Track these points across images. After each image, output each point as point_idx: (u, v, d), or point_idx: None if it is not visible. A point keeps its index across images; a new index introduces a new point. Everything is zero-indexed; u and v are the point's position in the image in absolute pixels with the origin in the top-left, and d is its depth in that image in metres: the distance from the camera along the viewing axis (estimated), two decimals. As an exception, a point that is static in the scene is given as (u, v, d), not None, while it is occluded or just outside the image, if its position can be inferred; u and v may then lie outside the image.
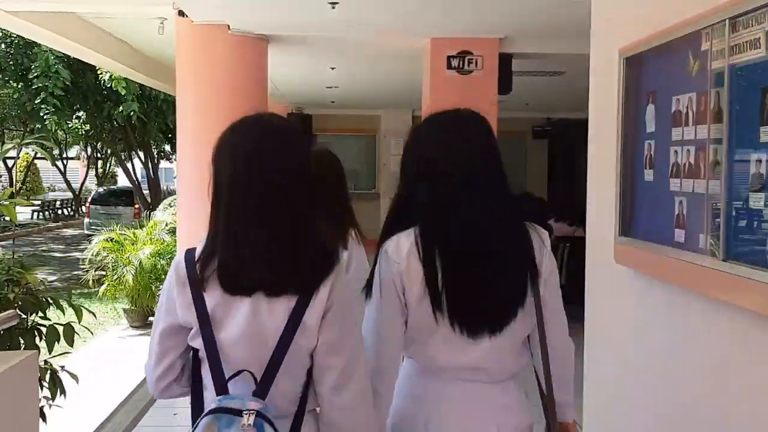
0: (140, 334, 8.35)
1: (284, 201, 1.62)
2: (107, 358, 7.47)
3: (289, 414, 1.65)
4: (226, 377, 1.61)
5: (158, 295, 8.08)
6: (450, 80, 6.39)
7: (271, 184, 1.62)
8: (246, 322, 1.60)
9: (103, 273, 8.45)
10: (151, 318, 8.57)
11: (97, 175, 26.88)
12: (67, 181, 26.68)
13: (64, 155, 26.59)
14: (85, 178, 28.40)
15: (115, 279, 8.27)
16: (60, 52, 10.44)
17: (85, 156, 26.82)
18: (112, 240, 8.63)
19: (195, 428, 1.54)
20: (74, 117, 14.57)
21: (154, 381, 1.73)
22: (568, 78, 8.98)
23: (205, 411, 1.56)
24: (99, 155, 25.38)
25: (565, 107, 12.92)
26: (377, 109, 14.12)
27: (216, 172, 1.65)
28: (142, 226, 9.26)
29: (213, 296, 1.62)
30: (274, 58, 6.86)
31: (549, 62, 7.92)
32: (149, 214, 10.61)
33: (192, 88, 6.21)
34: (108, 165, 27.06)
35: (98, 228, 10.33)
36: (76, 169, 31.31)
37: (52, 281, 12.28)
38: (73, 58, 10.16)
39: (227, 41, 6.12)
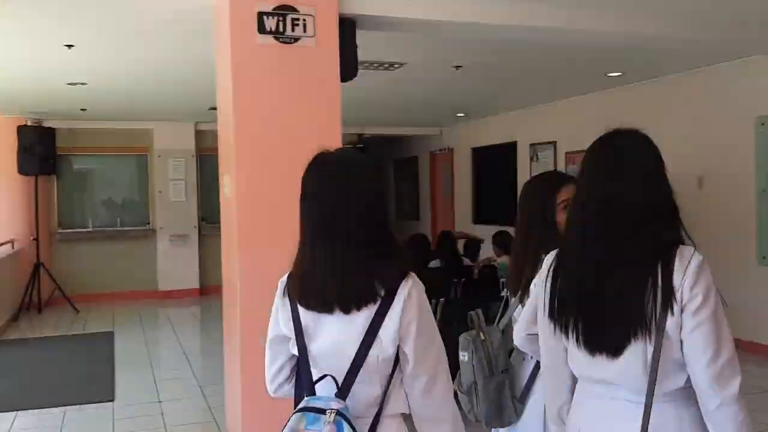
0: None
1: (348, 223, 1.77)
2: None
3: (369, 416, 1.82)
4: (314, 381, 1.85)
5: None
6: (264, 51, 3.97)
7: (333, 206, 1.78)
8: (330, 337, 1.82)
9: None
10: None
11: None
12: None
13: None
14: None
15: None
16: None
17: None
18: None
19: (286, 424, 1.76)
20: None
21: (268, 382, 2.00)
22: (404, 74, 7.00)
23: (295, 409, 1.81)
24: None
25: (382, 120, 11.07)
26: (148, 121, 11.22)
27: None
28: None
29: (304, 311, 1.85)
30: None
31: (390, 47, 5.83)
32: None
33: None
34: None
35: None
36: None
37: None
38: None
39: None
